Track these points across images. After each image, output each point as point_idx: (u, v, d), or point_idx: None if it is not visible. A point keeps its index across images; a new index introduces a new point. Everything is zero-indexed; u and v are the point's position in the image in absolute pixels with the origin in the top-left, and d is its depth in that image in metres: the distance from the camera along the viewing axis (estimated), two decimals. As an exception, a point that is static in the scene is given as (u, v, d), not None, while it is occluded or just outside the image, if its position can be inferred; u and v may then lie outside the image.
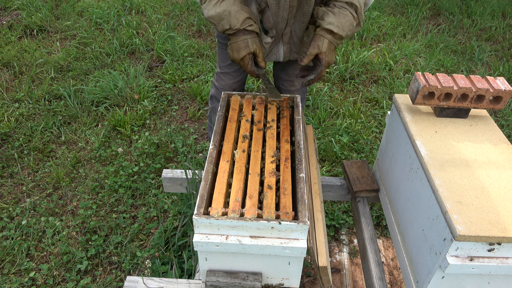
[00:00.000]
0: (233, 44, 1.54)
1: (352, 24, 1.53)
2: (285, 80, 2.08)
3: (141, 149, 2.84)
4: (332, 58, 1.55)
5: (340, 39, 1.54)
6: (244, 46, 1.52)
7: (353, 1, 1.51)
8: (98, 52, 3.93)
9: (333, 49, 1.54)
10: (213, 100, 2.15)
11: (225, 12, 1.49)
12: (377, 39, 4.38)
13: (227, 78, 2.01)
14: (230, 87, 2.04)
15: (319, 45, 1.52)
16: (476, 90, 1.36)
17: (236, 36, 1.53)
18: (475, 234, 1.03)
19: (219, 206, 1.15)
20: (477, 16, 4.87)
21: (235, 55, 1.55)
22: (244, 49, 1.53)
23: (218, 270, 1.22)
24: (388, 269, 2.17)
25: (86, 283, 2.03)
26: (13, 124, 3.04)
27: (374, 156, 2.81)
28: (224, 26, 1.51)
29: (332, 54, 1.55)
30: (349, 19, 1.52)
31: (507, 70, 3.78)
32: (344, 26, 1.51)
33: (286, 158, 1.34)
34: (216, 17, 1.51)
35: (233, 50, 1.55)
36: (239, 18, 1.49)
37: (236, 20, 1.49)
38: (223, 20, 1.50)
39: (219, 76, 2.04)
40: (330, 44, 1.53)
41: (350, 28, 1.53)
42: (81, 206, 2.44)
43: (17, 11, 4.70)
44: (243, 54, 1.53)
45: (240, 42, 1.53)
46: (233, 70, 1.97)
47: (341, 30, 1.50)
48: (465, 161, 1.27)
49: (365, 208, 1.72)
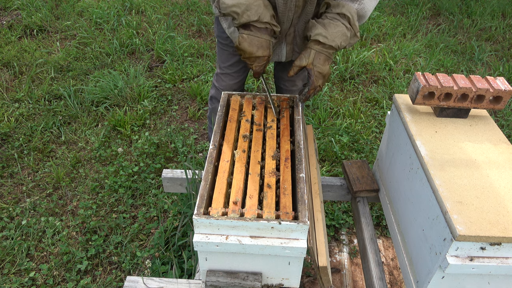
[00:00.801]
0: (254, 38, 1.46)
1: (346, 34, 1.50)
2: (286, 80, 2.07)
3: (141, 149, 2.84)
4: (325, 69, 1.51)
5: (331, 49, 1.50)
6: (267, 46, 1.48)
7: (344, 11, 1.49)
8: (98, 52, 3.93)
9: (325, 59, 1.51)
10: (213, 101, 2.15)
11: (256, 1, 1.41)
12: (377, 39, 4.39)
13: (228, 78, 2.01)
14: (230, 87, 2.03)
15: (305, 57, 1.51)
16: (476, 90, 1.36)
17: (260, 32, 1.46)
18: (475, 234, 1.03)
19: (219, 206, 1.15)
20: (477, 16, 4.87)
21: (253, 49, 1.46)
22: (266, 49, 1.48)
23: (218, 270, 1.22)
24: (388, 269, 2.17)
25: (86, 283, 2.03)
26: (13, 124, 3.04)
27: (374, 156, 2.81)
28: (252, 16, 1.42)
29: (325, 64, 1.51)
30: (341, 30, 1.49)
31: (507, 70, 3.78)
32: (334, 36, 1.48)
33: (286, 158, 1.34)
34: (243, 5, 1.41)
35: (252, 43, 1.46)
36: (269, 12, 1.44)
37: (266, 13, 1.43)
38: (251, 10, 1.41)
39: (219, 77, 2.03)
40: (318, 55, 1.50)
41: (344, 39, 1.50)
42: (81, 206, 2.44)
43: (17, 11, 4.70)
44: (263, 53, 1.48)
45: (263, 40, 1.46)
46: (234, 71, 1.96)
47: (330, 40, 1.47)
48: (465, 161, 1.27)
49: (365, 208, 1.72)
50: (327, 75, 1.54)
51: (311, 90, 1.54)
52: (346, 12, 1.48)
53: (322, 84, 1.54)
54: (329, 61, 1.52)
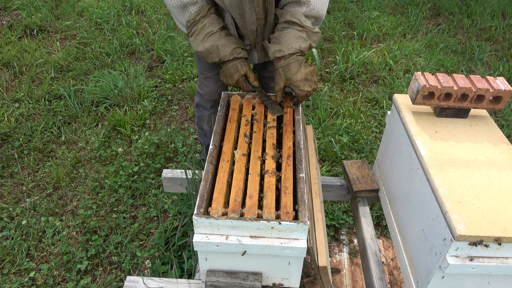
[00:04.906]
0: (225, 71, 1.64)
1: (301, 36, 1.51)
2: (267, 78, 2.06)
3: (141, 149, 2.84)
4: (301, 74, 1.51)
5: (294, 55, 1.51)
6: (235, 70, 1.62)
7: (289, 19, 1.51)
8: (98, 52, 3.93)
9: (295, 67, 1.51)
10: (199, 108, 2.14)
11: (213, 47, 1.57)
12: (377, 39, 4.38)
13: (211, 82, 1.99)
14: (215, 92, 2.02)
15: (278, 79, 1.56)
16: (476, 90, 1.36)
17: (226, 64, 1.63)
18: (475, 234, 1.03)
19: (219, 206, 1.15)
20: (477, 16, 4.87)
21: (229, 81, 1.65)
22: (236, 73, 1.62)
23: (218, 270, 1.22)
24: (388, 269, 2.17)
25: (86, 283, 2.03)
26: (13, 124, 3.04)
27: (374, 156, 2.81)
28: (214, 59, 1.60)
29: (299, 70, 1.51)
30: (294, 34, 1.51)
31: (507, 70, 3.78)
32: (289, 43, 1.50)
33: (288, 156, 1.33)
34: (205, 52, 1.59)
35: (226, 77, 1.65)
36: (227, 50, 1.58)
37: (224, 53, 1.58)
38: (212, 54, 1.59)
39: (202, 83, 2.02)
40: (286, 68, 1.52)
41: (302, 41, 1.51)
42: (81, 206, 2.44)
43: (17, 11, 4.70)
44: (236, 78, 1.63)
45: (230, 68, 1.62)
46: (215, 73, 1.95)
47: (287, 49, 1.49)
48: (465, 161, 1.27)
49: (365, 208, 1.72)
50: (310, 75, 1.54)
51: (301, 98, 1.58)
52: (292, 18, 1.51)
53: (310, 86, 1.55)
54: (301, 64, 1.52)
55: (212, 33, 1.57)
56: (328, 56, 4.05)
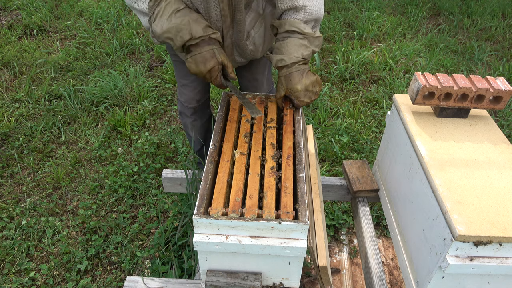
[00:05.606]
0: (197, 55, 1.41)
1: (302, 44, 1.48)
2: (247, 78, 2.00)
3: (141, 149, 2.84)
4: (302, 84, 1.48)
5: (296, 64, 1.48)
6: (211, 56, 1.41)
7: (288, 28, 1.48)
8: (98, 52, 3.93)
9: (297, 76, 1.48)
10: (182, 115, 2.11)
11: (183, 21, 1.37)
12: (377, 39, 4.38)
13: (188, 90, 1.95)
14: (193, 99, 1.98)
15: (280, 87, 1.51)
16: (476, 90, 1.36)
17: (199, 47, 1.41)
18: (475, 234, 1.03)
19: (219, 206, 1.15)
20: (477, 16, 4.87)
21: (200, 68, 1.42)
22: (211, 59, 1.41)
23: (218, 270, 1.22)
24: (388, 269, 2.17)
25: (86, 283, 2.03)
26: (13, 124, 3.04)
27: (374, 156, 2.81)
28: (184, 37, 1.38)
29: (301, 79, 1.48)
30: (295, 43, 1.48)
31: (507, 70, 3.78)
32: (291, 52, 1.47)
33: (289, 156, 1.33)
34: (173, 29, 1.38)
35: (197, 62, 1.41)
36: (199, 26, 1.38)
37: (197, 27, 1.38)
38: (182, 31, 1.37)
39: (181, 90, 1.99)
40: (287, 78, 1.48)
41: (303, 48, 1.48)
42: (81, 206, 2.44)
43: (17, 11, 4.70)
44: (210, 65, 1.41)
45: (205, 53, 1.40)
46: (191, 81, 1.91)
47: (289, 58, 1.46)
48: (465, 161, 1.27)
49: (365, 208, 1.72)
50: (312, 85, 1.50)
51: (299, 107, 1.56)
52: (291, 27, 1.47)
53: (310, 98, 1.52)
54: (303, 74, 1.48)
55: (179, 9, 1.40)
56: (328, 56, 4.05)
